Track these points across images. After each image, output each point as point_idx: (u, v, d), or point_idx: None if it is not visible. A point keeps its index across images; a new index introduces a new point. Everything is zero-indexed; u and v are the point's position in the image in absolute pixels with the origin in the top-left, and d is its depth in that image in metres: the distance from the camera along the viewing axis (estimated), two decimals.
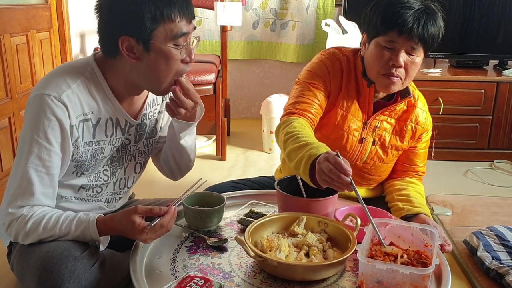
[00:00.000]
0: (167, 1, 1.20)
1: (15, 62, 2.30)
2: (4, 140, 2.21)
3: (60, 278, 1.14)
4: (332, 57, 1.59)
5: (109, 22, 1.23)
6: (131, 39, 1.20)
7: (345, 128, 1.58)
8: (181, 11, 1.22)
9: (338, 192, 1.41)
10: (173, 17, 1.20)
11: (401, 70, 1.46)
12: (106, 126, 1.31)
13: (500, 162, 3.09)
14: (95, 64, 1.29)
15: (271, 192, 1.57)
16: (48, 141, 1.20)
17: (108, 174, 1.40)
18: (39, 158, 1.20)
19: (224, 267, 1.20)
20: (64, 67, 1.31)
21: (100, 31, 1.26)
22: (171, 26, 1.21)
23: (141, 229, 1.17)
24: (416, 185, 1.66)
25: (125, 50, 1.21)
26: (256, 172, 2.77)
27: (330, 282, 1.15)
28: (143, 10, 1.17)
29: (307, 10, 3.60)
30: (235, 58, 3.76)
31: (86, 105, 1.26)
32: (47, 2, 2.71)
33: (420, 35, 1.41)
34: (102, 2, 1.23)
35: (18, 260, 1.27)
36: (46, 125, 1.19)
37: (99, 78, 1.28)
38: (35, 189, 1.20)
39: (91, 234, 1.21)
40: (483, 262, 1.72)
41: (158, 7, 1.18)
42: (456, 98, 3.02)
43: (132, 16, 1.18)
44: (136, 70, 1.25)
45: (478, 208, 2.34)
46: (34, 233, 1.20)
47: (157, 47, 1.21)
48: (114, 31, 1.22)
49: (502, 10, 3.17)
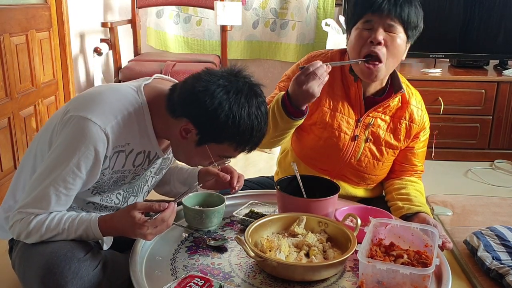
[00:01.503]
0: (247, 138, 1.20)
1: (14, 62, 2.30)
2: (3, 140, 2.20)
3: (64, 279, 1.14)
4: (309, 58, 1.63)
5: (196, 105, 1.17)
6: (194, 129, 1.20)
7: (336, 127, 1.59)
8: (247, 149, 1.24)
9: (338, 192, 1.41)
10: (238, 149, 1.23)
11: (382, 48, 1.46)
12: (137, 157, 1.30)
13: (500, 162, 3.09)
14: (144, 100, 1.26)
15: (271, 192, 1.57)
16: (78, 168, 1.18)
17: (120, 198, 1.40)
18: (63, 180, 1.19)
19: (224, 268, 1.20)
20: (111, 93, 1.26)
21: (184, 96, 1.20)
22: (229, 150, 1.23)
23: (142, 223, 1.16)
24: (415, 184, 1.65)
25: (182, 127, 1.21)
26: (256, 172, 2.76)
27: (330, 283, 1.15)
28: (226, 129, 1.17)
29: (307, 9, 3.59)
30: (235, 58, 3.76)
31: (126, 138, 1.25)
32: (46, 2, 2.71)
33: (392, 11, 1.43)
34: (208, 87, 1.16)
35: (21, 258, 1.27)
36: (82, 152, 1.17)
37: (146, 118, 1.26)
38: (50, 206, 1.20)
39: (93, 233, 1.21)
40: (484, 262, 1.72)
41: (237, 138, 1.19)
42: (456, 98, 3.02)
43: (214, 123, 1.16)
44: (179, 140, 1.26)
45: (479, 208, 2.34)
46: (37, 233, 1.20)
47: (205, 150, 1.23)
48: (191, 113, 1.19)
49: (503, 10, 3.17)
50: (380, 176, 1.69)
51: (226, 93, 1.16)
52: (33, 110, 2.50)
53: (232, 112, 1.15)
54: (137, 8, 3.30)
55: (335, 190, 1.42)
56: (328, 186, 1.45)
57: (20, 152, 2.31)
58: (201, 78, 1.19)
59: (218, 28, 3.34)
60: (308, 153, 1.66)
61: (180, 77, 2.75)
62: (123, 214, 1.20)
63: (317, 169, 1.65)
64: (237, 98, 1.16)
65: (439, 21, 3.20)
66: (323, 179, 1.56)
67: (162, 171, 1.48)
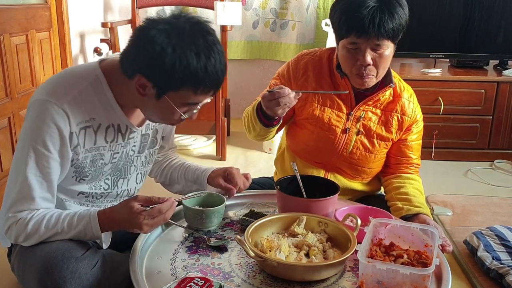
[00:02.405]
0: (202, 76, 1.15)
1: (14, 62, 2.30)
2: (4, 140, 2.21)
3: (62, 279, 1.13)
4: (298, 57, 1.68)
5: (141, 55, 1.16)
6: (149, 82, 1.18)
7: (326, 121, 1.62)
8: (210, 88, 1.20)
9: (338, 192, 1.41)
10: (199, 91, 1.19)
11: (371, 68, 1.49)
12: (107, 132, 1.30)
13: (500, 162, 3.09)
14: (100, 72, 1.26)
15: (271, 192, 1.57)
16: (46, 148, 1.19)
17: (109, 183, 1.39)
18: (38, 165, 1.19)
19: (224, 268, 1.20)
20: (67, 72, 1.29)
21: (129, 52, 1.19)
22: (191, 95, 1.19)
23: (139, 212, 1.16)
24: (414, 181, 1.65)
25: (137, 84, 1.19)
26: (256, 172, 2.76)
27: (330, 282, 1.15)
28: (177, 72, 1.13)
29: (307, 10, 3.59)
30: (235, 58, 3.76)
31: (88, 112, 1.24)
32: (46, 2, 2.71)
33: (378, 34, 1.42)
34: (148, 34, 1.14)
35: (19, 260, 1.27)
36: (45, 132, 1.18)
37: (104, 87, 1.26)
38: (35, 194, 1.20)
39: (92, 229, 1.20)
40: (484, 262, 1.72)
41: (192, 78, 1.15)
42: (456, 98, 3.02)
43: (163, 69, 1.13)
44: (140, 99, 1.24)
45: (479, 208, 2.34)
46: (36, 234, 1.20)
47: (166, 102, 1.20)
48: (140, 65, 1.17)
49: (502, 10, 3.17)
50: (374, 169, 1.69)
51: (167, 37, 1.13)
52: None
53: (177, 54, 1.12)
54: (137, 8, 3.30)
55: (335, 190, 1.42)
56: (328, 186, 1.45)
57: None
58: (141, 28, 1.17)
59: (218, 28, 3.34)
60: (302, 147, 1.69)
61: None
62: (122, 204, 1.20)
63: (312, 162, 1.67)
64: (179, 39, 1.13)
65: (439, 21, 3.21)
66: (323, 179, 1.56)
67: (145, 149, 1.45)
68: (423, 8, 3.16)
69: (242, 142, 3.35)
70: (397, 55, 3.42)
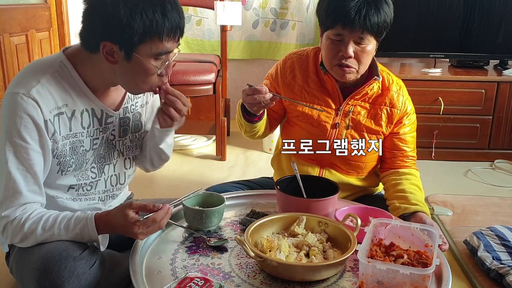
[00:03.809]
0: (161, 21, 1.17)
1: (14, 62, 2.30)
2: None
3: (60, 279, 1.13)
4: (286, 57, 1.73)
5: (97, 21, 1.18)
6: (115, 46, 1.19)
7: (316, 117, 1.64)
8: (172, 31, 1.20)
9: (338, 192, 1.41)
10: (163, 37, 1.19)
11: (352, 60, 1.51)
12: (82, 117, 1.30)
13: (500, 162, 3.09)
14: (64, 58, 1.27)
15: (272, 193, 1.57)
16: (23, 139, 1.19)
17: (96, 171, 1.38)
18: (18, 158, 1.19)
19: (224, 268, 1.20)
20: (33, 63, 1.30)
21: (85, 24, 1.22)
22: (158, 44, 1.20)
23: (134, 222, 1.17)
24: (411, 177, 1.65)
25: (104, 53, 1.20)
26: (256, 172, 2.76)
27: (330, 283, 1.15)
28: (135, 23, 1.15)
29: (307, 9, 3.59)
30: (235, 58, 3.76)
31: (59, 98, 1.24)
32: (46, 2, 2.71)
33: (363, 26, 1.45)
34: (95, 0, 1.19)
35: (17, 262, 1.27)
36: (19, 123, 1.18)
37: (70, 71, 1.26)
38: (21, 188, 1.20)
39: (89, 232, 1.21)
40: (484, 262, 1.72)
41: (151, 24, 1.16)
42: (456, 98, 3.02)
43: (121, 24, 1.15)
44: (113, 71, 1.24)
45: (479, 208, 2.34)
46: (32, 234, 1.19)
47: (138, 60, 1.20)
48: (100, 32, 1.18)
49: (503, 9, 3.17)
50: (368, 163, 1.69)
51: None
52: None
53: (129, 6, 1.14)
54: None
55: (335, 190, 1.42)
56: (328, 186, 1.45)
57: None
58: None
59: (218, 28, 3.34)
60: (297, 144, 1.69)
61: (179, 77, 2.74)
62: (117, 211, 1.20)
63: (307, 159, 1.68)
64: None
65: (439, 21, 3.20)
66: (323, 179, 1.56)
67: (128, 133, 1.44)
68: (423, 8, 3.16)
69: (242, 142, 3.35)
70: (397, 55, 3.45)
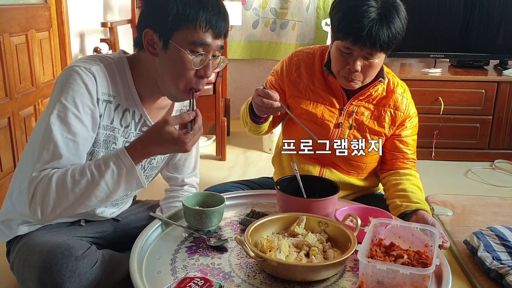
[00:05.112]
0: (197, 6, 1.19)
1: (14, 62, 2.30)
2: (3, 140, 2.20)
3: (61, 278, 1.14)
4: (293, 54, 1.73)
5: (143, 13, 1.25)
6: (155, 34, 1.21)
7: (319, 115, 1.65)
8: (208, 21, 1.20)
9: (338, 192, 1.41)
10: (197, 24, 1.19)
11: (358, 74, 1.52)
12: (123, 115, 1.30)
13: (500, 162, 3.09)
14: (123, 55, 1.31)
15: (272, 193, 1.57)
16: (76, 106, 1.17)
17: None
18: (66, 123, 1.15)
19: (224, 268, 1.20)
20: (93, 55, 1.34)
21: (138, 20, 1.28)
22: (193, 32, 1.20)
23: (182, 136, 1.15)
24: (411, 177, 1.65)
25: (146, 43, 1.23)
26: (256, 172, 2.76)
27: (330, 283, 1.15)
28: (170, 7, 1.18)
29: (307, 9, 3.59)
30: (235, 58, 3.76)
31: (112, 87, 1.26)
32: (46, 2, 2.71)
33: (373, 45, 1.44)
34: None
35: (19, 259, 1.27)
36: (76, 90, 1.17)
37: (125, 69, 1.29)
38: (62, 151, 1.15)
39: (124, 164, 1.14)
40: (484, 262, 1.72)
41: (185, 9, 1.18)
42: (456, 98, 3.02)
43: (158, 10, 1.19)
44: (154, 67, 1.26)
45: (479, 208, 2.34)
46: (62, 187, 1.12)
47: (174, 48, 1.21)
48: (143, 23, 1.24)
49: (503, 9, 3.17)
50: (369, 164, 1.69)
51: None
52: (33, 110, 2.50)
53: None
54: (137, 8, 3.30)
55: (335, 190, 1.42)
56: (328, 186, 1.45)
57: (20, 152, 2.31)
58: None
59: None
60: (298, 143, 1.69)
61: None
62: (156, 134, 1.16)
63: (308, 158, 1.68)
64: None
65: (439, 21, 3.21)
66: (323, 179, 1.56)
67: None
68: (423, 8, 3.16)
69: (242, 142, 3.35)
70: (397, 55, 3.45)
